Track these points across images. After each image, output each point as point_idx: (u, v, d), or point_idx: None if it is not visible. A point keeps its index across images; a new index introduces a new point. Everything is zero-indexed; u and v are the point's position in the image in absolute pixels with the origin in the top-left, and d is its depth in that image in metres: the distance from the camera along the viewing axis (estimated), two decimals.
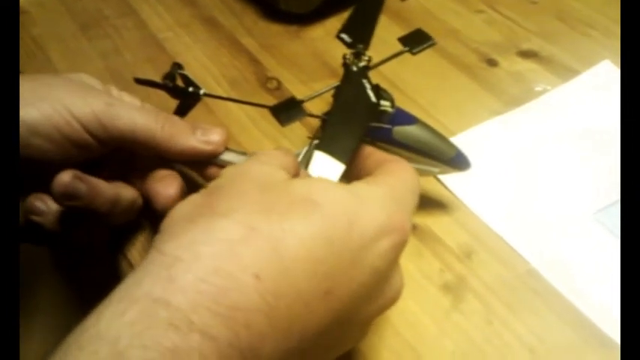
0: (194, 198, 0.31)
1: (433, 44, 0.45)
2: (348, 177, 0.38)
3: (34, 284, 0.46)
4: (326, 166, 0.35)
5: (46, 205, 0.39)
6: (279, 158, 0.34)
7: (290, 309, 0.26)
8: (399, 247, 0.31)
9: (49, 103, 0.38)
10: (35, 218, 0.39)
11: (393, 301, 0.33)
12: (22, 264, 0.33)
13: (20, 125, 0.37)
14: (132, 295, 0.24)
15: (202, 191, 0.31)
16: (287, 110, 0.41)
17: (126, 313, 0.24)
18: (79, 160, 0.40)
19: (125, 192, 0.41)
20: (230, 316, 0.24)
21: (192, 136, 0.41)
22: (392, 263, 0.31)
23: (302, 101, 0.42)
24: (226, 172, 0.32)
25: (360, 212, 0.30)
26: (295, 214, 0.28)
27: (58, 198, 0.37)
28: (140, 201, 0.43)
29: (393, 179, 0.34)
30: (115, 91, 0.44)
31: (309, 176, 0.35)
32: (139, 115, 0.40)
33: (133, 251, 0.47)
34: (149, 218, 0.47)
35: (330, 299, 0.28)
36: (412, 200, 0.34)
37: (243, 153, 0.43)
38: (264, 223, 0.27)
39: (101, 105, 0.39)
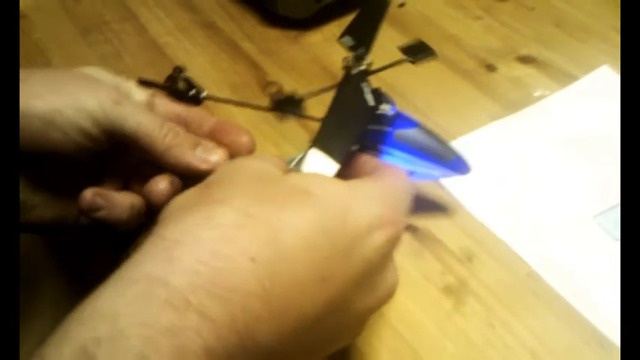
0: (191, 190, 0.32)
1: (434, 56, 0.45)
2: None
3: (34, 285, 0.46)
4: (320, 165, 0.35)
5: (106, 199, 0.39)
6: (272, 158, 0.35)
7: (286, 293, 0.27)
8: (392, 241, 0.32)
9: (61, 97, 0.38)
10: (98, 214, 0.39)
11: (387, 296, 0.33)
12: (23, 264, 0.33)
13: (35, 118, 0.37)
14: (131, 276, 0.25)
15: (199, 185, 0.32)
16: (287, 106, 0.42)
17: (125, 292, 0.24)
18: (91, 152, 0.40)
19: (135, 200, 0.41)
20: (227, 297, 0.25)
21: (192, 151, 0.40)
22: (385, 257, 0.32)
23: (301, 99, 0.42)
24: (222, 166, 0.34)
25: (354, 204, 0.31)
26: (292, 204, 0.29)
27: (84, 212, 0.39)
28: (144, 206, 0.43)
29: (387, 179, 0.35)
30: (123, 83, 0.44)
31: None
32: (145, 120, 0.40)
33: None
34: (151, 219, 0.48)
35: (326, 286, 0.28)
36: (405, 200, 0.35)
37: None
38: (261, 210, 0.28)
39: (109, 102, 0.39)
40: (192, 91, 0.46)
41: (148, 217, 0.44)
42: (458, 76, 0.61)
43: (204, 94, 0.46)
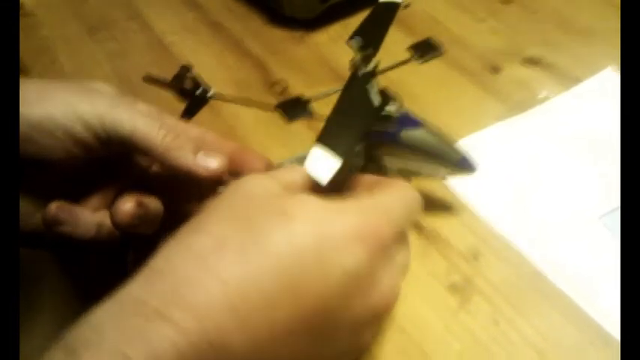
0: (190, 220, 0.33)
1: (441, 54, 0.46)
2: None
3: (35, 287, 0.46)
4: (322, 161, 0.35)
5: (70, 215, 0.39)
6: (281, 174, 0.36)
7: (255, 307, 0.29)
8: (376, 252, 0.32)
9: (54, 103, 0.38)
10: (61, 229, 0.39)
11: (385, 305, 0.34)
12: (24, 266, 0.33)
13: (24, 122, 0.37)
14: (117, 298, 0.28)
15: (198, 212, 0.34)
16: (293, 107, 0.42)
17: (110, 309, 0.28)
18: (81, 159, 0.40)
19: (107, 219, 0.41)
20: (197, 311, 0.27)
21: (192, 155, 0.40)
22: (371, 267, 0.32)
23: (308, 100, 0.42)
24: (226, 189, 0.35)
25: (330, 220, 0.32)
26: (266, 227, 0.31)
27: (47, 225, 0.39)
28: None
29: (382, 193, 0.35)
30: (127, 98, 0.43)
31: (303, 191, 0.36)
32: (142, 120, 0.39)
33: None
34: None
35: (298, 300, 0.30)
36: (402, 211, 0.35)
37: None
38: (235, 235, 0.31)
39: (105, 106, 0.39)
40: (199, 90, 0.47)
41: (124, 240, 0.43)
42: (463, 78, 0.62)
43: (210, 92, 0.47)
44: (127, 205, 0.39)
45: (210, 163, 0.40)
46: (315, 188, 0.36)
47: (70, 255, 0.48)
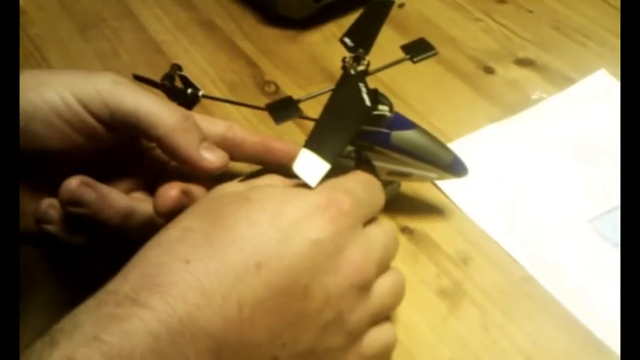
0: None
1: (435, 54, 0.45)
2: None
3: (30, 281, 0.46)
4: (311, 165, 0.35)
5: (58, 214, 0.37)
6: (257, 180, 0.37)
7: (222, 283, 0.29)
8: (338, 220, 0.33)
9: (51, 87, 0.36)
10: (48, 227, 0.37)
11: (354, 272, 0.33)
12: (20, 262, 0.32)
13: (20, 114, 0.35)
14: (94, 294, 0.29)
15: None
16: (282, 109, 0.42)
17: (88, 303, 0.29)
18: (87, 150, 0.38)
19: (143, 206, 0.39)
20: (164, 291, 0.28)
21: (197, 142, 0.38)
22: (336, 236, 0.32)
23: (298, 101, 0.42)
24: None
25: (290, 198, 0.33)
26: (227, 211, 0.32)
27: (63, 203, 0.36)
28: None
29: (342, 177, 0.37)
30: None
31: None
32: (147, 97, 0.37)
33: None
34: None
35: (263, 271, 0.30)
36: (362, 188, 0.36)
37: None
38: (199, 223, 0.32)
39: (107, 83, 0.37)
40: (190, 90, 0.46)
41: None
42: (456, 79, 0.61)
43: (201, 92, 0.46)
44: (173, 191, 0.38)
45: (210, 156, 0.39)
46: None
47: (62, 255, 0.47)
